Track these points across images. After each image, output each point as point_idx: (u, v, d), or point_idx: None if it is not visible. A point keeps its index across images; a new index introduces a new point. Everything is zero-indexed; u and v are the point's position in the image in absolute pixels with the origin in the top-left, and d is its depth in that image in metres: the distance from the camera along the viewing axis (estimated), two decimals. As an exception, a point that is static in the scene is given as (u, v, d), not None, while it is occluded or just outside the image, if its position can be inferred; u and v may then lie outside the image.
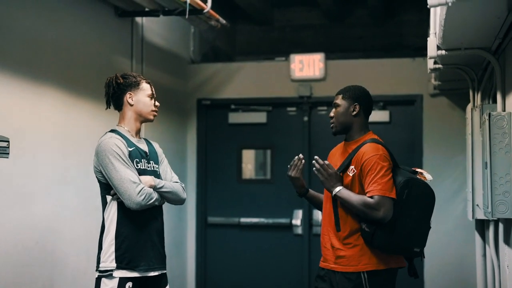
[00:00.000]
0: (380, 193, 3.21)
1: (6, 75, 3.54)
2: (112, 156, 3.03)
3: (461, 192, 5.68)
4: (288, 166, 3.68)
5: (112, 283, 3.04)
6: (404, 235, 3.26)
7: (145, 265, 3.12)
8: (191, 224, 6.26)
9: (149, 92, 3.24)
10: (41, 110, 3.87)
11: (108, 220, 3.11)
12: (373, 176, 3.25)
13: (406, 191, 3.25)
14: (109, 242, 3.09)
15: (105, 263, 3.07)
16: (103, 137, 3.14)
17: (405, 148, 5.95)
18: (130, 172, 3.04)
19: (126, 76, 3.23)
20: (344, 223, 3.37)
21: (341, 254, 3.36)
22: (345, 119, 3.46)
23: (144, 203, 3.04)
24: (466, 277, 5.50)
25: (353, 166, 3.36)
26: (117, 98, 3.22)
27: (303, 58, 6.11)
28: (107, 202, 3.13)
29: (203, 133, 6.33)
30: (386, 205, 3.20)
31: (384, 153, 3.34)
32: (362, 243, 3.33)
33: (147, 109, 3.23)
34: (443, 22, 3.05)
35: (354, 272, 3.32)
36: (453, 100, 5.76)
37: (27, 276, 3.69)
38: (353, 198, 3.28)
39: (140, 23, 5.15)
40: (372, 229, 3.25)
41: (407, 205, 3.25)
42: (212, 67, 6.38)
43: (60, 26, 4.10)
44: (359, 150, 3.36)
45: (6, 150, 3.45)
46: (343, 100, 3.48)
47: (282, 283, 6.13)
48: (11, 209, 3.55)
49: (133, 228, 3.10)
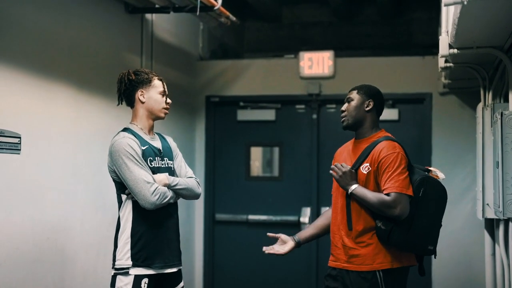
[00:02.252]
0: (397, 190, 3.20)
1: (17, 72, 3.54)
2: (125, 157, 3.03)
3: (470, 191, 5.66)
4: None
5: (128, 279, 3.06)
6: (420, 233, 3.27)
7: (161, 262, 3.15)
8: (199, 221, 6.27)
9: (160, 89, 3.23)
10: (52, 106, 3.87)
11: (124, 219, 3.13)
12: (391, 173, 3.25)
13: (422, 189, 3.26)
14: (124, 240, 3.10)
15: (121, 261, 3.09)
16: (116, 137, 3.13)
17: (414, 146, 5.92)
18: (144, 172, 3.04)
19: (138, 73, 3.22)
20: (357, 222, 3.35)
21: (355, 253, 3.35)
22: (358, 113, 3.44)
23: (159, 203, 3.05)
24: (475, 276, 5.48)
25: (367, 164, 3.34)
26: (129, 95, 3.22)
27: (312, 55, 6.10)
28: (122, 200, 3.15)
29: (211, 130, 6.33)
30: (403, 202, 3.20)
31: (401, 151, 3.33)
32: (376, 242, 3.32)
33: (158, 107, 3.22)
34: (456, 21, 3.04)
35: (370, 271, 3.30)
36: (463, 98, 5.74)
37: (38, 272, 3.70)
38: (369, 196, 3.27)
39: (150, 20, 5.15)
40: (389, 226, 3.25)
41: (423, 203, 3.26)
42: (221, 64, 6.38)
43: (71, 23, 4.10)
44: (375, 148, 3.34)
45: (18, 147, 3.46)
46: (357, 95, 3.47)
47: (289, 281, 6.13)
48: (22, 206, 3.56)
49: (148, 226, 3.12)
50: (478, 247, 5.28)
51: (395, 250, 3.32)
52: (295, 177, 6.19)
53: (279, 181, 6.26)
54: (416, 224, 3.25)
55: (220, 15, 4.89)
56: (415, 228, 3.25)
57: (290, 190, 6.18)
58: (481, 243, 4.89)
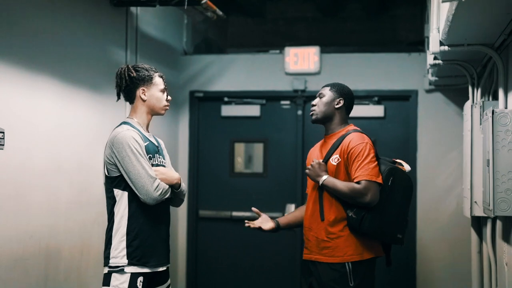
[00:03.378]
0: (368, 178, 3.36)
1: (1, 66, 3.45)
2: (129, 149, 3.00)
3: (455, 189, 5.67)
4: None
5: (124, 277, 3.02)
6: (389, 221, 3.44)
7: (155, 260, 3.12)
8: (182, 217, 6.20)
9: (162, 87, 3.24)
10: (36, 101, 3.78)
11: (118, 216, 3.07)
12: (360, 162, 3.40)
13: (391, 179, 3.43)
14: (119, 238, 3.06)
15: (116, 259, 3.04)
16: (119, 129, 3.09)
17: (399, 143, 5.93)
18: (148, 167, 3.02)
19: (139, 69, 3.20)
20: (329, 212, 3.49)
21: (326, 245, 3.49)
22: (328, 109, 3.59)
23: (160, 198, 3.04)
24: (460, 274, 5.49)
25: (337, 155, 3.49)
26: (129, 92, 3.20)
27: (298, 51, 6.05)
28: (115, 196, 3.09)
29: (195, 125, 6.27)
30: (373, 189, 3.36)
31: (370, 142, 3.49)
32: (347, 234, 3.46)
33: (160, 105, 3.23)
34: (450, 18, 3.01)
35: (339, 263, 3.46)
36: (448, 96, 5.75)
37: (21, 270, 3.62)
38: (339, 185, 3.42)
39: (135, 13, 5.07)
40: (360, 215, 3.39)
41: (391, 192, 3.43)
42: (205, 59, 6.31)
43: (55, 15, 4.01)
44: (344, 139, 3.50)
45: (1, 142, 3.38)
46: (330, 91, 3.63)
47: (274, 277, 6.10)
48: (6, 202, 3.47)
49: (144, 223, 3.08)
50: (463, 245, 5.30)
51: (365, 241, 3.47)
52: (279, 174, 6.15)
53: (264, 177, 6.21)
54: (386, 212, 3.41)
55: (207, 9, 4.82)
56: (385, 216, 3.41)
57: (275, 187, 6.14)
58: (466, 240, 4.91)
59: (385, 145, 5.86)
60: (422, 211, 5.79)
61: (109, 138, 3.10)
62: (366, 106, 5.97)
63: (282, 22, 7.26)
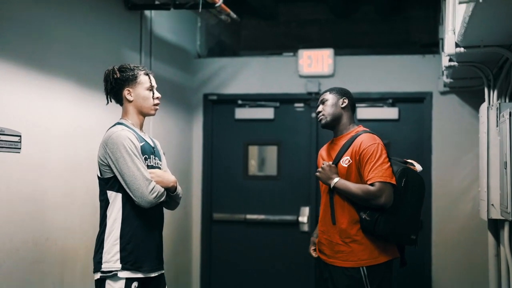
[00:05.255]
0: (382, 180, 3.31)
1: (17, 70, 3.46)
2: (124, 150, 2.90)
3: (470, 191, 5.63)
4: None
5: (119, 284, 2.91)
6: (403, 222, 3.39)
7: (149, 265, 3.01)
8: (196, 220, 6.20)
9: (147, 85, 3.10)
10: (52, 104, 3.80)
11: (111, 219, 2.96)
12: (373, 164, 3.35)
13: (404, 179, 3.38)
14: (112, 241, 2.94)
15: (109, 264, 2.92)
16: (114, 129, 3.00)
17: (413, 145, 5.90)
18: (143, 169, 2.93)
19: (123, 69, 3.10)
20: (341, 215, 3.45)
21: (340, 249, 3.45)
22: (335, 111, 3.58)
23: (155, 202, 2.94)
24: (477, 277, 5.45)
25: (347, 157, 3.45)
26: (116, 94, 3.11)
27: (311, 53, 6.04)
28: (108, 199, 2.99)
29: (209, 128, 6.27)
30: (387, 191, 3.31)
31: (381, 142, 3.46)
32: (361, 237, 3.41)
33: (147, 104, 3.10)
34: (467, 19, 2.99)
35: (354, 268, 3.41)
36: (464, 98, 5.71)
37: (37, 273, 3.63)
38: (352, 187, 3.38)
39: (149, 17, 5.08)
40: (374, 217, 3.34)
41: (405, 193, 3.38)
42: (219, 62, 6.31)
43: (71, 19, 4.02)
44: (355, 141, 3.47)
45: (18, 145, 3.39)
46: (331, 94, 3.62)
47: (288, 281, 6.08)
48: (22, 204, 3.49)
49: (138, 227, 2.98)
50: (479, 248, 5.26)
51: (380, 244, 3.42)
52: (293, 176, 6.14)
53: (277, 180, 6.20)
54: (400, 213, 3.36)
55: (221, 12, 4.83)
56: (399, 217, 3.36)
57: (289, 189, 6.13)
58: (482, 243, 4.87)
59: (400, 147, 5.84)
60: (437, 214, 5.75)
61: (103, 138, 3.01)
62: (380, 109, 5.95)
63: (296, 24, 7.25)
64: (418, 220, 3.48)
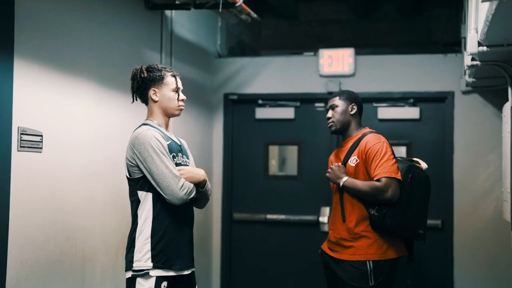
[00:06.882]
0: (387, 175, 3.47)
1: (38, 70, 3.49)
2: (151, 149, 2.94)
3: (493, 192, 5.57)
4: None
5: (149, 283, 2.94)
6: (411, 216, 3.52)
7: (180, 263, 3.04)
8: (217, 220, 6.21)
9: (173, 86, 3.14)
10: (73, 104, 3.82)
11: (142, 218, 3.00)
12: (379, 160, 3.52)
13: (410, 175, 3.53)
14: (143, 240, 2.98)
15: (140, 262, 2.97)
16: (140, 130, 3.04)
17: (435, 145, 5.85)
18: (171, 166, 2.96)
19: (151, 69, 3.14)
20: (351, 212, 3.61)
21: (349, 244, 3.60)
22: (345, 118, 3.76)
23: (186, 198, 2.97)
24: (500, 279, 5.39)
25: (355, 157, 3.63)
26: (142, 93, 3.16)
27: (332, 53, 6.01)
28: (139, 198, 3.03)
29: (229, 128, 6.27)
30: (393, 186, 3.46)
31: (386, 141, 3.63)
32: (370, 233, 3.56)
33: (172, 105, 3.15)
34: (490, 17, 2.95)
35: (360, 261, 3.55)
36: (486, 97, 5.64)
37: (58, 272, 3.65)
38: (360, 185, 3.54)
39: (170, 16, 5.09)
40: (382, 213, 3.49)
41: (411, 189, 3.52)
42: (239, 62, 6.31)
43: (91, 19, 4.04)
44: (361, 141, 3.65)
45: (40, 145, 3.42)
46: (340, 100, 3.78)
47: (308, 281, 6.06)
48: (43, 205, 3.51)
49: (169, 225, 3.01)
50: (502, 249, 5.19)
51: (388, 240, 3.56)
52: (314, 176, 6.11)
53: (298, 180, 6.19)
54: (407, 208, 3.50)
55: (241, 12, 4.82)
56: (406, 212, 3.49)
57: (309, 189, 6.11)
58: (505, 244, 4.81)
59: (421, 147, 5.79)
60: (459, 215, 5.69)
61: (129, 139, 3.05)
62: (402, 108, 5.90)
63: (316, 24, 7.23)
64: (425, 215, 3.62)
